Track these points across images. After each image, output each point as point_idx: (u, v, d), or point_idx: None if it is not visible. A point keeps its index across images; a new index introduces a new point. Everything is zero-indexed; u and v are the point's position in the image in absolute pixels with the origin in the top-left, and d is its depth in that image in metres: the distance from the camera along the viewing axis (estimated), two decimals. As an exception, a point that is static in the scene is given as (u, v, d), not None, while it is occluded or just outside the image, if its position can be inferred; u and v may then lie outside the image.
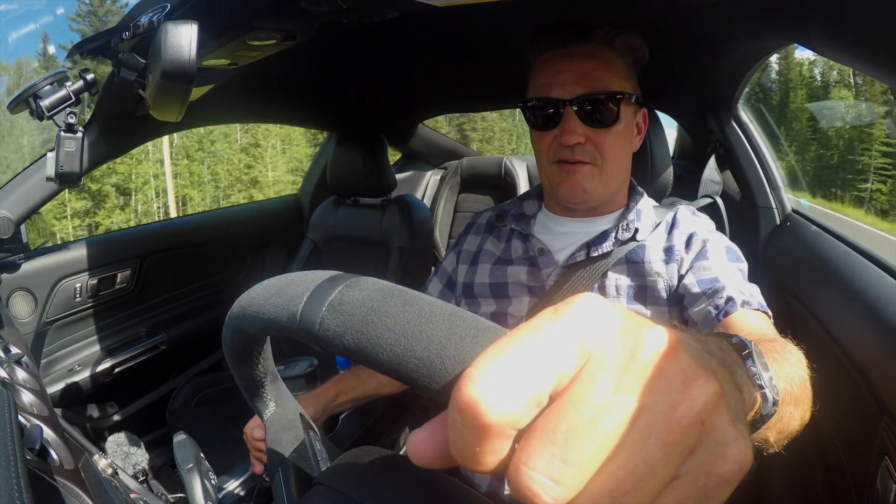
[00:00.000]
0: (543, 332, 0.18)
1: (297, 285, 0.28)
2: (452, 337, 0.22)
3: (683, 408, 0.17)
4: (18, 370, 0.65)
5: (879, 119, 14.99)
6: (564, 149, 0.74)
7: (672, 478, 0.17)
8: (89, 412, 1.48)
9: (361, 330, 0.24)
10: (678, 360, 0.18)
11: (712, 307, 0.66)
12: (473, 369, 0.17)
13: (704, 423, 0.17)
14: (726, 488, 0.17)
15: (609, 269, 0.75)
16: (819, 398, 0.45)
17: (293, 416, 0.45)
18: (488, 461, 0.17)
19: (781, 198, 1.19)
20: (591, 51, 0.73)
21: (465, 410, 0.17)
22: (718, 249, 0.73)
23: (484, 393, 0.17)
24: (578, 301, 0.19)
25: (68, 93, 0.80)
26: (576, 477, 0.16)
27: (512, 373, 0.17)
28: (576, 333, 0.18)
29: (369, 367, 0.24)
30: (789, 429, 0.40)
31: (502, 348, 0.18)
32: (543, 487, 0.16)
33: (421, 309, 0.23)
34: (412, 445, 0.20)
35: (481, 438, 0.17)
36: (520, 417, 0.17)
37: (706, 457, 0.17)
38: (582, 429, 0.16)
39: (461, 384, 0.17)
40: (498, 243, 0.86)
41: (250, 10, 0.65)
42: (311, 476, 0.43)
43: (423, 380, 0.22)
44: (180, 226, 1.83)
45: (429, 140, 2.24)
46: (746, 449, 0.18)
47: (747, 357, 0.34)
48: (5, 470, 0.34)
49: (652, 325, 0.19)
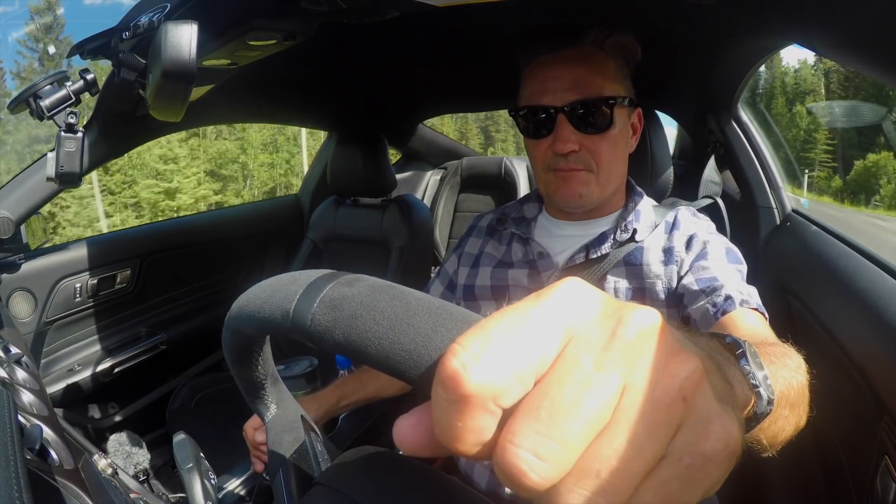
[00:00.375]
0: (525, 313, 0.18)
1: (291, 284, 0.29)
2: (439, 329, 0.22)
3: (664, 384, 0.17)
4: (18, 370, 0.65)
5: (822, 127, 26.46)
6: (559, 157, 0.73)
7: (659, 457, 0.17)
8: (89, 412, 1.48)
9: (351, 325, 0.24)
10: (659, 340, 0.18)
11: (710, 305, 0.66)
12: (456, 344, 0.17)
13: (686, 401, 0.17)
14: (712, 469, 0.17)
15: (608, 272, 0.75)
16: (819, 398, 0.45)
17: (294, 417, 0.45)
18: (470, 440, 0.17)
19: (781, 198, 1.19)
20: (582, 55, 0.73)
21: (447, 382, 0.17)
22: (718, 250, 0.73)
23: (465, 364, 0.17)
24: (561, 285, 0.19)
25: (68, 93, 0.80)
26: (562, 455, 0.16)
27: (494, 347, 0.17)
28: (558, 315, 0.18)
29: (359, 360, 0.24)
30: (784, 433, 0.40)
31: (485, 326, 0.18)
32: (529, 465, 0.16)
33: (409, 303, 0.24)
34: (398, 432, 0.20)
35: (462, 412, 0.17)
36: (502, 391, 0.17)
37: (689, 435, 0.17)
38: (566, 406, 0.16)
39: (444, 359, 0.17)
40: (499, 246, 0.86)
41: (250, 9, 0.65)
42: (311, 476, 0.43)
43: (411, 372, 0.22)
44: (180, 226, 1.83)
45: (429, 140, 2.24)
46: (731, 427, 0.17)
47: (741, 356, 0.34)
48: (5, 470, 0.34)
49: (634, 306, 0.19)
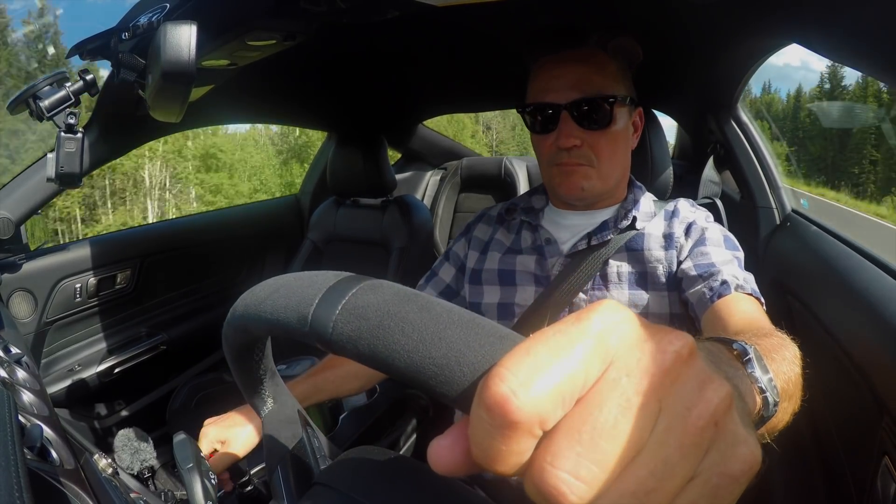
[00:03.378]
0: (568, 335, 0.18)
1: (308, 286, 0.28)
2: (471, 344, 0.21)
3: (699, 409, 0.18)
4: (18, 370, 0.66)
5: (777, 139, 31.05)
6: (562, 152, 0.77)
7: (689, 478, 0.18)
8: (89, 412, 1.48)
9: (377, 335, 0.23)
10: (694, 365, 0.19)
11: (707, 289, 0.69)
12: (502, 368, 0.17)
13: (718, 425, 0.18)
14: (736, 488, 0.18)
15: (610, 258, 0.78)
16: (820, 398, 0.45)
17: (291, 412, 0.45)
18: (511, 462, 0.18)
19: (781, 198, 1.19)
20: (584, 56, 0.76)
21: (495, 408, 0.17)
22: (716, 237, 0.77)
23: (514, 390, 0.17)
24: (600, 307, 0.19)
25: (68, 93, 0.80)
26: (599, 476, 0.17)
27: (541, 371, 0.17)
28: (599, 338, 0.18)
29: (384, 372, 0.24)
30: (782, 423, 0.41)
31: (529, 348, 0.18)
32: (569, 486, 0.16)
33: (438, 315, 0.23)
34: (434, 453, 0.20)
35: (508, 437, 0.17)
36: (548, 416, 0.17)
37: (718, 457, 0.18)
38: (606, 429, 0.17)
39: (489, 382, 0.17)
40: (508, 234, 0.89)
41: (249, 10, 0.65)
42: (310, 474, 0.42)
43: (442, 387, 0.21)
44: (180, 226, 1.83)
45: (428, 140, 2.24)
46: (756, 449, 0.19)
47: (748, 363, 0.35)
48: (5, 470, 0.34)
49: (669, 331, 0.19)
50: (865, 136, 30.54)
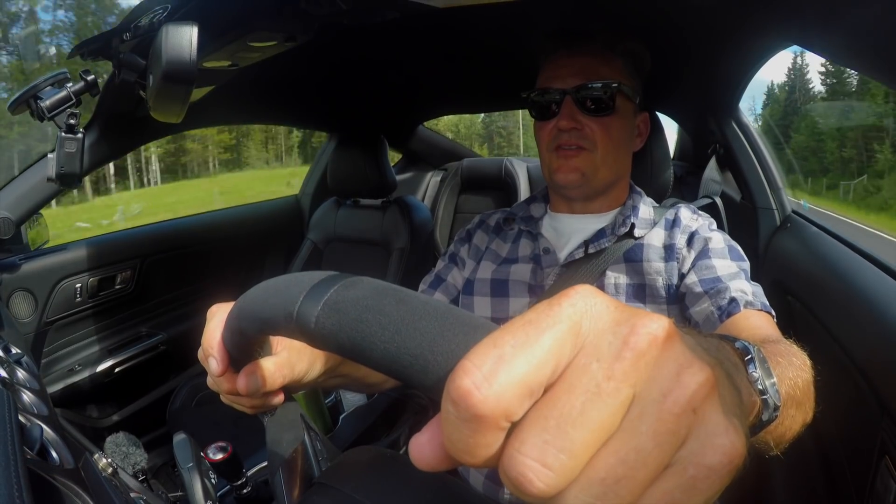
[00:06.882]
0: (537, 325, 0.18)
1: (294, 285, 0.28)
2: (445, 333, 0.22)
3: (675, 395, 0.17)
4: (18, 370, 0.66)
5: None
6: (562, 133, 0.76)
7: (664, 466, 0.17)
8: (89, 412, 1.48)
9: (356, 328, 0.24)
10: (671, 349, 0.18)
11: (714, 307, 0.65)
12: (467, 360, 0.17)
13: (696, 412, 0.17)
14: (715, 481, 0.17)
15: (608, 268, 0.76)
16: (820, 398, 0.45)
17: (294, 416, 0.45)
18: (481, 454, 0.17)
19: (781, 199, 1.19)
20: (592, 51, 0.77)
21: (459, 402, 0.17)
22: (720, 247, 0.73)
23: (478, 384, 0.17)
24: (573, 292, 0.19)
25: (69, 94, 0.80)
26: (568, 464, 0.16)
27: (506, 364, 0.17)
28: (570, 324, 0.18)
29: (364, 364, 0.24)
30: (791, 431, 0.40)
31: (496, 340, 0.18)
32: (536, 473, 0.16)
33: (414, 307, 0.23)
34: (414, 450, 0.20)
35: (475, 430, 0.17)
36: (514, 409, 0.17)
37: (696, 446, 0.17)
38: (574, 416, 0.16)
39: (455, 376, 0.17)
40: (503, 245, 0.87)
41: (251, 11, 0.65)
42: (311, 476, 0.43)
43: (417, 376, 0.22)
44: (181, 226, 1.83)
45: (429, 141, 2.24)
46: (737, 441, 0.17)
47: (749, 362, 0.34)
48: (5, 470, 0.34)
49: (646, 314, 0.18)
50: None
